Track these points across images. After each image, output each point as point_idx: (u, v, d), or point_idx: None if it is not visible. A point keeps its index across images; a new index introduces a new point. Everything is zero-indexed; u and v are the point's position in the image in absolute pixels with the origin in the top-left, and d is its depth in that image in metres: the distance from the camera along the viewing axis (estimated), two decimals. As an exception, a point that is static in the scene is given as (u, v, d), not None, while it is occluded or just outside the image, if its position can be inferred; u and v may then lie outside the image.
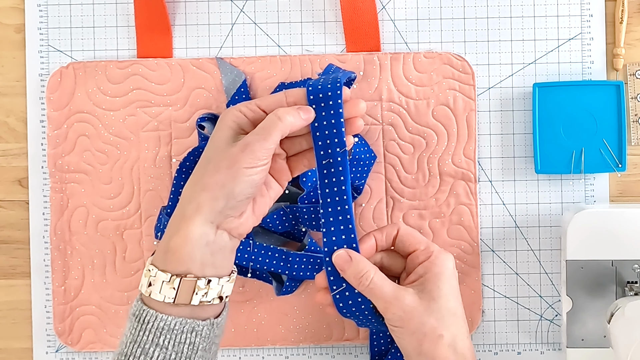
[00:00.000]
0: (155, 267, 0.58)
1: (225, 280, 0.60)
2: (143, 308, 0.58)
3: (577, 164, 0.74)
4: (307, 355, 0.77)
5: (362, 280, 0.61)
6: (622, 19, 0.75)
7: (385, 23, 0.76)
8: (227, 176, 0.58)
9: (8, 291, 0.78)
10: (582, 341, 0.72)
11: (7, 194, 0.78)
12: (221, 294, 0.60)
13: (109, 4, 0.77)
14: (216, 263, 0.59)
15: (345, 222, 0.62)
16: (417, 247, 0.64)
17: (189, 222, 0.58)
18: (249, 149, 0.58)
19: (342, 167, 0.61)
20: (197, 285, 0.58)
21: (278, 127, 0.59)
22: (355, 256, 0.62)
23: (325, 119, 0.61)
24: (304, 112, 0.60)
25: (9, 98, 0.77)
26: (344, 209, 0.62)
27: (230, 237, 0.60)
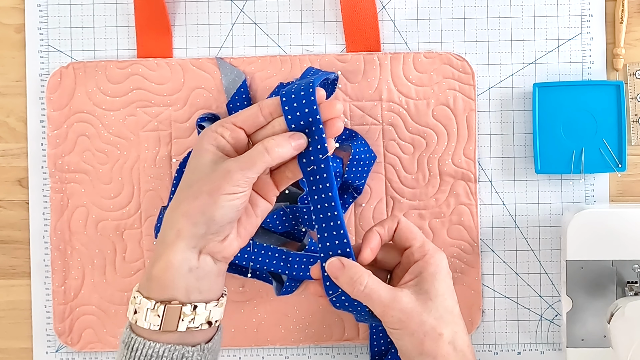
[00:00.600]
0: (140, 294, 0.58)
1: (213, 305, 0.59)
2: (131, 336, 0.57)
3: (577, 164, 0.74)
4: (307, 355, 0.77)
5: (357, 286, 0.60)
6: (622, 19, 0.75)
7: (385, 23, 0.76)
8: (207, 202, 0.56)
9: (8, 291, 0.78)
10: (582, 341, 0.72)
11: (7, 194, 0.78)
12: (210, 319, 0.59)
13: (109, 4, 0.77)
14: (202, 288, 0.58)
15: (337, 227, 0.60)
16: (413, 242, 0.63)
17: (169, 248, 0.57)
18: (230, 176, 0.56)
19: (326, 174, 0.59)
20: (182, 311, 0.57)
21: (264, 160, 0.57)
22: (347, 263, 0.60)
23: (303, 126, 0.59)
24: (294, 140, 0.58)
25: (9, 98, 0.78)
26: (334, 214, 0.60)
27: (214, 261, 0.59)
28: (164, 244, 0.57)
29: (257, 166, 0.57)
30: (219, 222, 0.57)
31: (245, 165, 0.57)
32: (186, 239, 0.57)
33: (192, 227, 0.56)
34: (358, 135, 0.74)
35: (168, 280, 0.57)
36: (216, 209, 0.56)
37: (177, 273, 0.57)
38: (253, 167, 0.57)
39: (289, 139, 0.58)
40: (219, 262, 0.59)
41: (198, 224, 0.56)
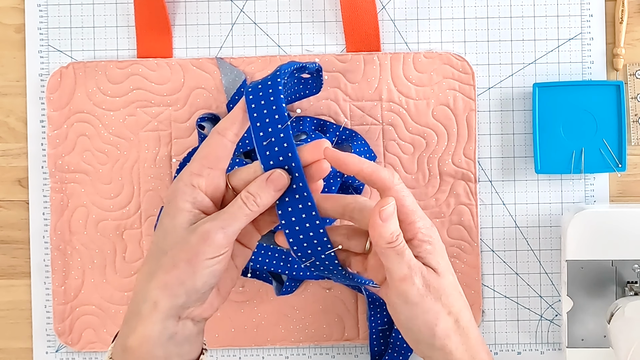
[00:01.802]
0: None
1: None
2: None
3: (577, 164, 0.74)
4: (307, 355, 0.77)
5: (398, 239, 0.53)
6: (622, 19, 0.75)
7: (385, 23, 0.76)
8: (186, 271, 0.51)
9: (8, 291, 0.78)
10: (582, 341, 0.72)
11: (7, 194, 0.78)
12: None
13: (109, 4, 0.77)
14: (182, 352, 0.54)
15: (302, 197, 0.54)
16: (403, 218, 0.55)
17: (145, 321, 0.52)
18: (210, 239, 0.51)
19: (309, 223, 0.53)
20: None
21: (245, 214, 0.52)
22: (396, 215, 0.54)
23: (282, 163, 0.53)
24: (274, 184, 0.52)
25: (9, 98, 0.78)
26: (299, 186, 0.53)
27: (194, 323, 0.55)
28: (138, 315, 0.53)
29: (238, 222, 0.52)
30: (201, 290, 0.52)
31: (225, 224, 0.52)
32: (164, 311, 0.52)
33: (170, 299, 0.52)
34: (358, 135, 0.74)
35: (145, 353, 0.52)
36: (197, 278, 0.52)
37: (156, 344, 0.52)
38: (234, 224, 0.52)
39: (267, 185, 0.52)
40: (198, 323, 0.55)
41: (178, 295, 0.52)
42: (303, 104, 0.75)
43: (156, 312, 0.52)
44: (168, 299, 0.52)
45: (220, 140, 0.53)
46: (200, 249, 0.51)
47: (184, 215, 0.53)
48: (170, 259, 0.52)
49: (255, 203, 0.52)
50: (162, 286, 0.52)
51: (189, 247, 0.52)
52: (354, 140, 0.74)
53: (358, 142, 0.74)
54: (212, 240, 0.51)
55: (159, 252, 0.53)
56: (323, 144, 0.54)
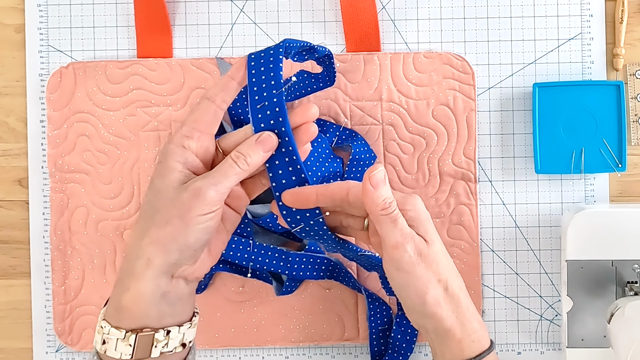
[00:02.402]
0: (108, 324, 0.54)
1: (187, 327, 0.56)
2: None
3: (577, 164, 0.74)
4: (307, 355, 0.77)
5: (392, 205, 0.55)
6: (622, 19, 0.75)
7: (385, 23, 0.76)
8: (178, 227, 0.53)
9: (8, 291, 0.78)
10: (582, 341, 0.72)
11: (7, 194, 0.78)
12: (184, 341, 0.56)
13: (109, 4, 0.77)
14: (175, 312, 0.55)
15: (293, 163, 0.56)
16: None
17: (139, 278, 0.53)
18: (202, 196, 0.52)
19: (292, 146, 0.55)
20: (155, 338, 0.54)
21: (236, 172, 0.54)
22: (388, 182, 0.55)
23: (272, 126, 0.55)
24: (263, 145, 0.54)
25: (9, 98, 0.78)
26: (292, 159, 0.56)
27: (186, 282, 0.56)
28: (132, 273, 0.54)
29: (229, 180, 0.54)
30: (193, 247, 0.54)
31: (216, 181, 0.53)
32: (157, 267, 0.53)
33: (164, 255, 0.53)
34: (358, 135, 0.74)
35: (139, 310, 0.54)
36: (190, 234, 0.53)
37: (149, 302, 0.54)
38: (225, 182, 0.53)
39: (257, 146, 0.54)
40: (191, 283, 0.56)
41: (170, 251, 0.53)
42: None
43: (150, 269, 0.53)
44: (161, 255, 0.53)
45: (209, 106, 0.55)
46: (193, 205, 0.52)
47: (175, 174, 0.54)
48: (162, 216, 0.53)
49: (246, 162, 0.54)
50: (155, 242, 0.53)
51: (181, 204, 0.53)
52: (354, 140, 0.74)
53: (358, 142, 0.74)
54: (204, 196, 0.52)
55: (151, 211, 0.54)
56: (311, 107, 0.56)
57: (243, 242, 0.72)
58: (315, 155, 0.70)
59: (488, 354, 0.58)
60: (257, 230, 0.74)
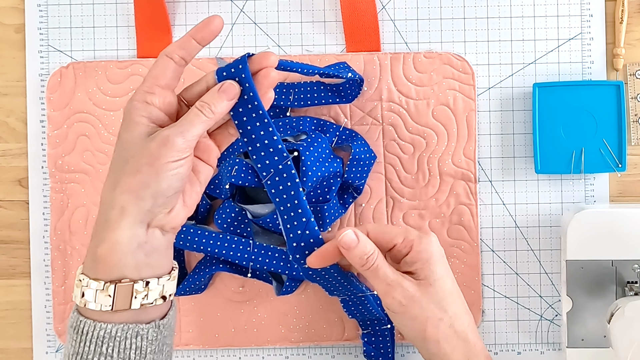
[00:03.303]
0: (87, 277, 0.55)
1: (166, 279, 0.57)
2: (80, 319, 0.55)
3: (577, 164, 0.74)
4: (307, 355, 0.77)
5: (369, 261, 0.60)
6: (622, 19, 0.75)
7: (385, 23, 0.76)
8: (149, 174, 0.54)
9: (8, 291, 0.78)
10: (582, 341, 0.72)
11: (7, 194, 0.78)
12: (164, 294, 0.56)
13: (109, 4, 0.77)
14: (152, 263, 0.56)
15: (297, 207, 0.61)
16: (396, 241, 0.62)
17: (114, 227, 0.54)
18: (170, 143, 0.54)
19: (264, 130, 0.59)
20: (134, 289, 0.54)
21: (202, 120, 0.55)
22: (361, 237, 0.60)
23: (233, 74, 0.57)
24: (226, 93, 0.56)
25: (9, 98, 0.78)
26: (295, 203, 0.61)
27: (163, 233, 0.56)
28: (107, 223, 0.54)
29: (195, 127, 0.55)
30: (166, 193, 0.54)
31: (183, 129, 0.54)
32: (132, 215, 0.54)
33: (137, 201, 0.54)
34: (358, 135, 0.74)
35: (116, 260, 0.54)
36: (161, 180, 0.54)
37: (125, 251, 0.54)
38: (192, 129, 0.55)
39: (220, 94, 0.56)
40: (167, 234, 0.57)
41: (144, 198, 0.54)
42: (303, 104, 0.75)
43: (124, 217, 0.54)
44: (134, 202, 0.54)
45: (168, 62, 0.56)
46: (162, 153, 0.53)
47: (141, 127, 0.55)
48: (133, 166, 0.54)
49: (211, 110, 0.55)
50: (127, 191, 0.54)
51: (149, 152, 0.54)
52: (354, 140, 0.74)
53: (358, 142, 0.74)
54: (172, 143, 0.54)
55: (121, 162, 0.55)
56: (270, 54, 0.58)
57: (243, 242, 0.72)
58: (315, 155, 0.70)
59: None
60: (257, 230, 0.74)
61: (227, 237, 0.72)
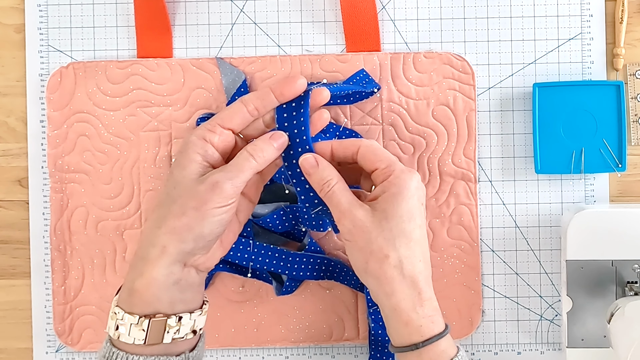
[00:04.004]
0: (122, 310, 0.56)
1: (198, 314, 0.58)
2: (112, 350, 0.56)
3: (577, 164, 0.74)
4: (307, 355, 0.77)
5: (324, 187, 0.58)
6: (622, 19, 0.75)
7: (385, 23, 0.76)
8: (195, 218, 0.55)
9: (8, 291, 0.78)
10: (582, 341, 0.72)
11: (7, 194, 0.78)
12: (194, 328, 0.58)
13: (109, 4, 0.77)
14: (186, 299, 0.57)
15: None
16: (378, 165, 0.59)
17: (153, 265, 0.55)
18: (219, 189, 0.55)
19: None
20: (167, 324, 0.56)
21: (251, 166, 0.56)
22: (321, 162, 0.59)
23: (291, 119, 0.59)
24: (276, 141, 0.58)
25: (9, 98, 0.78)
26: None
27: (197, 272, 0.58)
28: (146, 259, 0.56)
29: (244, 174, 0.56)
30: (207, 238, 0.56)
31: (233, 174, 0.55)
32: (172, 255, 0.55)
33: (179, 244, 0.55)
34: (358, 136, 0.74)
35: (152, 296, 0.56)
36: (205, 225, 0.55)
37: (161, 288, 0.56)
38: (241, 175, 0.56)
39: (270, 141, 0.57)
40: (201, 273, 0.59)
41: (186, 241, 0.55)
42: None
43: (164, 256, 0.55)
44: (176, 243, 0.55)
45: (240, 107, 0.58)
46: (209, 197, 0.54)
47: (194, 166, 0.56)
48: (179, 207, 0.55)
49: (262, 156, 0.56)
50: (171, 231, 0.55)
51: (198, 196, 0.55)
52: None
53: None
54: (220, 189, 0.54)
55: (168, 201, 0.56)
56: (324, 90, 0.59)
57: (243, 242, 0.72)
58: None
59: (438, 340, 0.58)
60: (257, 230, 0.74)
61: (227, 237, 0.72)
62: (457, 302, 0.75)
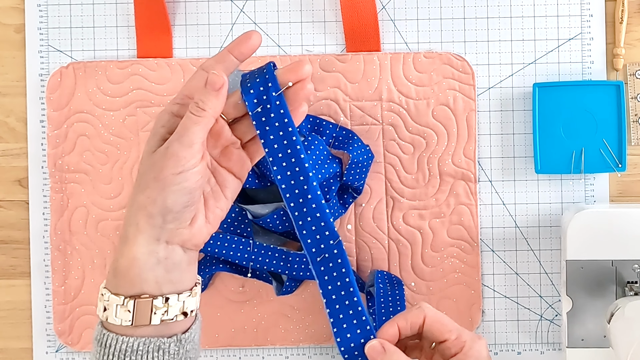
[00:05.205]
0: (108, 291, 0.55)
1: (187, 296, 0.56)
2: (103, 332, 0.55)
3: (577, 164, 0.74)
4: (307, 355, 0.77)
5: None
6: (622, 19, 0.75)
7: (385, 23, 0.76)
8: (156, 189, 0.53)
9: (8, 291, 0.78)
10: (582, 341, 0.72)
11: (7, 194, 0.78)
12: (184, 310, 0.56)
13: (109, 4, 0.77)
14: (174, 279, 0.55)
15: (354, 306, 0.56)
16: (448, 336, 0.56)
17: (131, 244, 0.54)
18: (170, 153, 0.52)
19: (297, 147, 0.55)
20: (154, 304, 0.54)
21: (195, 122, 0.53)
22: (389, 348, 0.55)
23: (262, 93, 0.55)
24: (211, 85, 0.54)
25: (9, 98, 0.78)
26: (349, 291, 0.56)
27: (184, 250, 0.55)
28: (125, 239, 0.55)
29: (190, 131, 0.53)
30: (174, 209, 0.53)
31: (179, 134, 0.53)
32: (146, 232, 0.54)
33: (148, 219, 0.53)
34: (355, 137, 0.74)
35: (135, 275, 0.54)
36: (167, 196, 0.53)
37: (144, 267, 0.54)
38: (187, 133, 0.53)
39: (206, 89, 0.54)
40: (189, 251, 0.56)
41: (153, 215, 0.53)
42: (303, 104, 0.75)
43: (139, 234, 0.54)
44: (145, 219, 0.53)
45: (203, 75, 0.55)
46: (164, 163, 0.52)
47: (157, 139, 0.54)
48: (143, 181, 0.54)
49: (199, 108, 0.53)
50: (139, 207, 0.54)
51: (154, 165, 0.53)
52: (351, 143, 0.74)
53: (355, 144, 0.73)
54: (171, 153, 0.52)
55: (138, 178, 0.55)
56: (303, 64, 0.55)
57: (243, 242, 0.72)
58: (314, 158, 0.70)
59: None
60: (257, 230, 0.74)
61: (227, 237, 0.72)
62: (457, 302, 0.75)
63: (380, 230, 0.75)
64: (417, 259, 0.76)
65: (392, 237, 0.76)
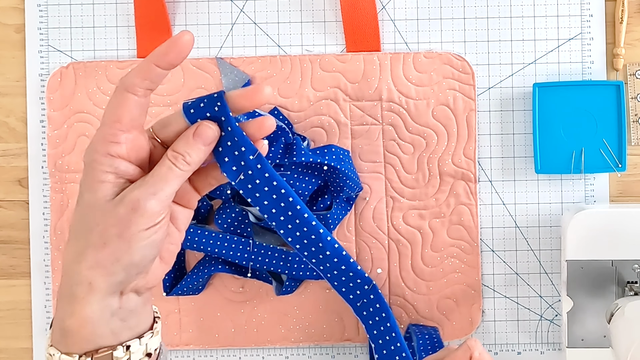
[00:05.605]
0: (58, 351, 0.48)
1: (149, 337, 0.50)
2: None
3: (577, 164, 0.74)
4: (307, 355, 0.77)
5: None
6: (622, 19, 0.75)
7: (385, 23, 0.76)
8: (119, 247, 0.46)
9: (8, 291, 0.78)
10: (582, 341, 0.72)
11: (7, 194, 0.78)
12: (148, 351, 0.50)
13: (109, 4, 0.77)
14: (131, 325, 0.49)
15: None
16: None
17: (83, 303, 0.47)
18: (142, 209, 0.45)
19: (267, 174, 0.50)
20: (114, 356, 0.48)
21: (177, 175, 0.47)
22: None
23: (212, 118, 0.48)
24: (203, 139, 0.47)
25: (9, 98, 0.78)
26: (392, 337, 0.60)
27: (138, 295, 0.49)
28: (73, 298, 0.47)
29: (170, 185, 0.46)
30: (141, 264, 0.47)
31: (156, 188, 0.46)
32: (102, 291, 0.47)
33: (107, 277, 0.46)
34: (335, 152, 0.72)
35: (88, 334, 0.47)
36: (134, 253, 0.46)
37: (98, 324, 0.47)
38: (165, 187, 0.46)
39: (195, 140, 0.47)
40: (143, 295, 0.50)
41: (115, 273, 0.46)
42: (303, 105, 0.75)
43: (93, 293, 0.47)
44: (104, 278, 0.46)
45: (129, 99, 0.47)
46: (132, 220, 0.45)
47: (107, 187, 0.46)
48: (99, 236, 0.46)
49: (185, 162, 0.47)
50: (93, 266, 0.46)
51: (118, 220, 0.46)
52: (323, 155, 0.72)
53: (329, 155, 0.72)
54: (143, 209, 0.45)
55: (84, 230, 0.47)
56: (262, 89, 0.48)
57: (243, 242, 0.72)
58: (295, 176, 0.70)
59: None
60: (257, 230, 0.74)
61: (227, 237, 0.72)
62: (457, 302, 0.76)
63: (380, 230, 0.75)
64: (417, 259, 0.76)
65: (392, 237, 0.76)
